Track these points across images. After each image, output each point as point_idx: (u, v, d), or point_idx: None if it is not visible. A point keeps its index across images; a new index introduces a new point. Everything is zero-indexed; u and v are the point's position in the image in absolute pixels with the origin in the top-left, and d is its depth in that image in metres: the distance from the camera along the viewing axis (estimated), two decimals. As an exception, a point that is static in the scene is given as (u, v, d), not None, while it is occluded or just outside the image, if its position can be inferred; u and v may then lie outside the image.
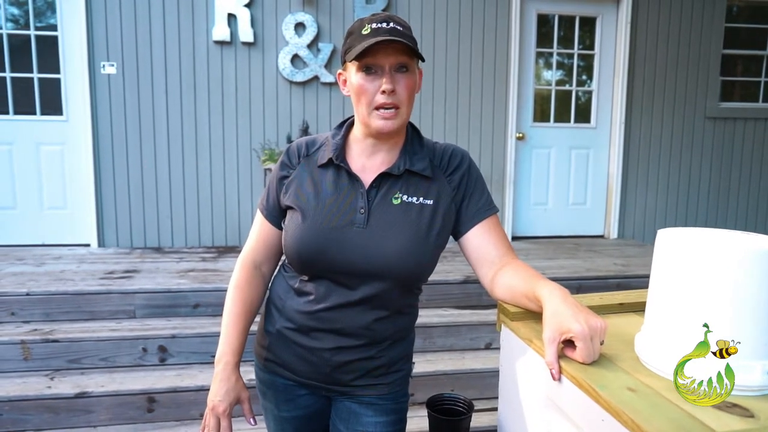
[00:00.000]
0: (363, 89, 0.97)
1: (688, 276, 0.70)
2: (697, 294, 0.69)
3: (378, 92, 0.96)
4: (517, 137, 4.38)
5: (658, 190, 4.66)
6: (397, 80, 0.97)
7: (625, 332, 0.90)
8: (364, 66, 0.97)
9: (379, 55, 0.95)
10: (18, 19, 3.86)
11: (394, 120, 0.98)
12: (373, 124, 0.99)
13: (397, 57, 0.96)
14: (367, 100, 0.97)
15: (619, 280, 3.22)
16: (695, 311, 0.69)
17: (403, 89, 0.97)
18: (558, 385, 0.77)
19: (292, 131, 4.04)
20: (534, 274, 0.94)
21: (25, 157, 3.88)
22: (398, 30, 0.95)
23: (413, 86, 0.99)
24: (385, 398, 1.09)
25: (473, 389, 2.47)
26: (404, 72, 0.97)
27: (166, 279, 2.96)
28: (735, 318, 0.67)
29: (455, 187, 1.05)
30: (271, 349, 1.11)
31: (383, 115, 0.97)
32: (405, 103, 0.98)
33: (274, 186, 1.11)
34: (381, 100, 0.96)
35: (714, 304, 0.68)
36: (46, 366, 2.45)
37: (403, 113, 0.99)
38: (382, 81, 0.96)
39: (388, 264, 0.98)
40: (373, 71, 0.97)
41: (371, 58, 0.95)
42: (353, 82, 0.99)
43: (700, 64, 4.56)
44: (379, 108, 0.97)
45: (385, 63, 0.96)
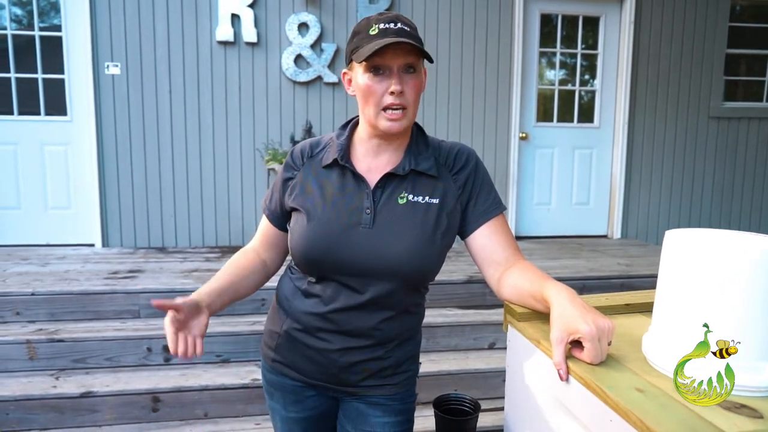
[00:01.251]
0: (371, 90, 0.97)
1: (697, 277, 0.70)
2: (706, 295, 0.69)
3: (386, 93, 0.96)
4: (520, 137, 4.38)
5: (661, 190, 4.65)
6: (405, 81, 0.97)
7: (631, 333, 0.90)
8: (372, 67, 0.96)
9: (388, 56, 0.95)
10: (22, 20, 3.87)
11: (401, 121, 0.98)
12: (380, 125, 0.99)
13: (405, 58, 0.96)
14: (375, 101, 0.97)
15: (623, 280, 3.21)
16: (704, 312, 0.69)
17: (411, 90, 0.97)
18: (566, 386, 0.77)
19: (295, 131, 4.05)
20: (541, 275, 0.94)
21: (30, 157, 3.89)
22: (406, 31, 0.95)
23: (420, 86, 0.99)
24: (393, 398, 1.09)
25: (477, 389, 2.47)
26: (412, 73, 0.97)
27: (170, 279, 2.97)
28: (744, 318, 0.67)
29: (461, 186, 1.05)
30: (279, 351, 1.11)
31: (390, 117, 0.97)
32: (412, 103, 0.98)
33: (278, 188, 1.11)
34: (389, 101, 0.96)
35: (723, 304, 0.68)
36: (52, 365, 2.46)
37: (410, 114, 0.99)
38: (391, 82, 0.95)
39: (394, 264, 0.98)
40: (382, 72, 0.96)
41: (380, 59, 0.95)
42: (360, 82, 0.98)
43: (703, 63, 4.55)
44: (387, 109, 0.97)
45: (394, 64, 0.95)
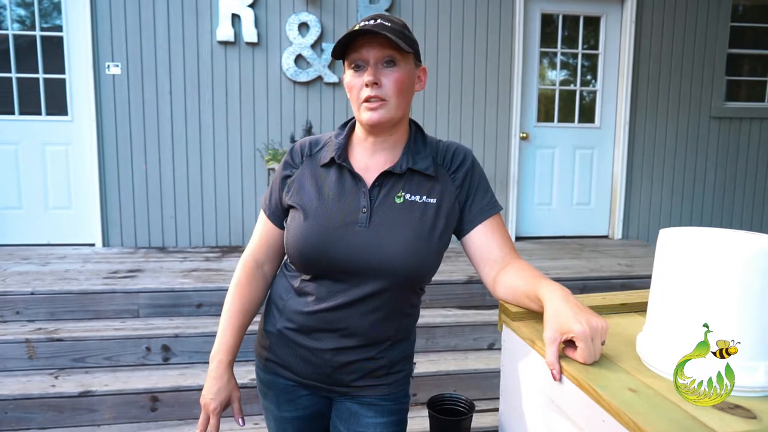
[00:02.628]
0: (351, 85, 1.00)
1: (691, 276, 0.69)
2: (700, 294, 0.68)
3: (363, 86, 0.97)
4: (521, 137, 4.37)
5: (662, 191, 4.63)
6: (384, 74, 0.97)
7: (626, 332, 0.89)
8: (353, 64, 0.98)
9: (363, 49, 0.96)
10: (24, 20, 3.88)
11: (379, 111, 0.97)
12: (362, 118, 0.99)
13: (381, 51, 0.96)
14: (355, 95, 0.99)
15: (624, 280, 3.20)
16: (698, 311, 0.68)
17: (390, 82, 0.97)
18: (559, 386, 0.77)
19: (295, 131, 4.05)
20: (536, 274, 0.93)
21: (31, 157, 3.90)
22: (385, 25, 0.96)
23: (403, 80, 0.98)
24: (386, 399, 1.09)
25: (476, 390, 2.47)
26: (391, 66, 0.98)
27: (170, 278, 2.97)
28: (739, 318, 0.66)
29: (459, 185, 1.05)
30: (272, 350, 1.11)
31: (369, 107, 0.98)
32: (392, 95, 0.98)
33: (277, 185, 1.11)
34: (365, 93, 0.97)
35: (718, 304, 0.67)
36: (51, 365, 2.46)
37: (392, 106, 0.98)
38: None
39: (390, 263, 0.98)
40: (361, 67, 0.98)
41: (356, 54, 0.97)
42: (345, 80, 1.02)
43: (705, 63, 4.54)
44: (366, 101, 0.98)
45: (369, 57, 0.97)
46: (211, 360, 1.07)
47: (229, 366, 1.07)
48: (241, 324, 1.09)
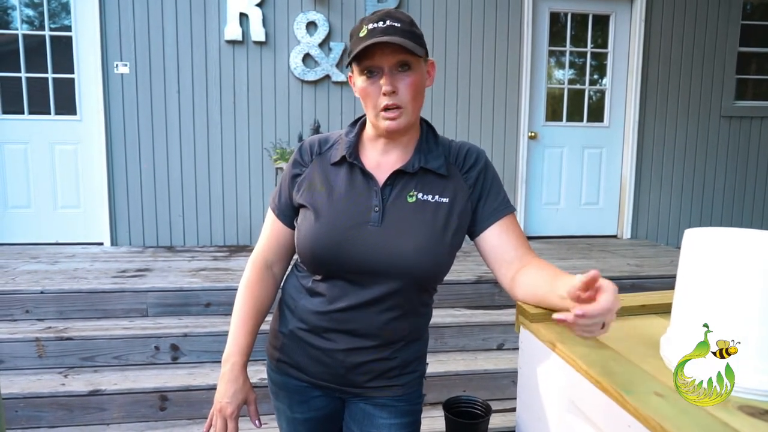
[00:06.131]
0: (366, 93, 0.98)
1: (719, 277, 0.68)
2: (729, 295, 0.67)
3: (380, 94, 0.96)
4: (529, 136, 4.34)
5: (672, 190, 4.59)
6: (399, 79, 0.96)
7: (647, 334, 0.87)
8: (366, 69, 0.97)
9: (376, 56, 0.94)
10: (33, 21, 3.90)
11: (399, 119, 0.97)
12: (381, 126, 0.98)
13: (394, 56, 0.94)
14: (372, 103, 0.97)
15: (633, 280, 3.18)
16: (726, 313, 0.67)
17: (406, 88, 0.96)
18: (580, 389, 0.75)
19: (303, 130, 4.04)
20: (558, 272, 0.92)
21: (40, 156, 3.92)
22: (395, 27, 0.94)
23: (417, 83, 0.97)
24: (400, 400, 1.08)
25: (485, 390, 2.45)
26: (406, 70, 0.96)
27: (178, 278, 2.97)
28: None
29: (471, 185, 1.04)
30: (284, 350, 1.10)
31: (388, 116, 0.97)
32: (409, 101, 0.97)
33: (286, 184, 1.10)
34: (384, 102, 0.96)
35: (747, 305, 0.66)
36: (60, 363, 2.46)
37: (409, 111, 0.98)
38: (383, 83, 0.95)
39: (403, 263, 0.97)
40: (375, 74, 0.96)
41: (369, 61, 0.95)
42: (357, 85, 0.99)
43: (715, 62, 4.49)
44: (384, 110, 0.96)
45: (384, 64, 0.95)
46: (224, 362, 1.05)
47: (243, 368, 1.05)
48: (254, 325, 1.08)
